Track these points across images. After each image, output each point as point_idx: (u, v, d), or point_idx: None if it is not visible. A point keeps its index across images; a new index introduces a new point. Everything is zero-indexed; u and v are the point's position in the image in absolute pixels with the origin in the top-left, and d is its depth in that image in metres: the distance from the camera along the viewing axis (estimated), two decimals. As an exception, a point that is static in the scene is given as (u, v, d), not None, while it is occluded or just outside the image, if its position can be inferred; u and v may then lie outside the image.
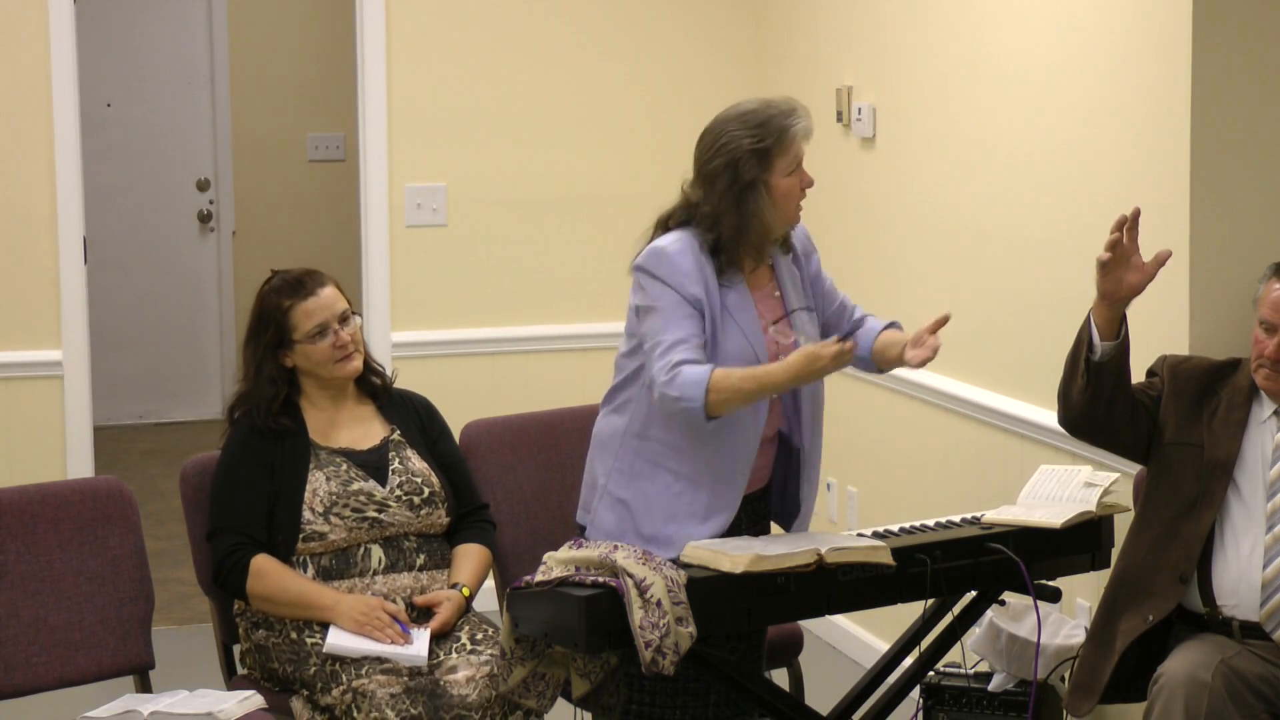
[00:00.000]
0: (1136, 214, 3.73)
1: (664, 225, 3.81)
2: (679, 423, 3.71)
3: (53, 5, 5.78)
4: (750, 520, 3.88)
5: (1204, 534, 3.76)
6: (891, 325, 3.98)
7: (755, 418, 3.77)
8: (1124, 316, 3.80)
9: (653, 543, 3.73)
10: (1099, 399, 3.82)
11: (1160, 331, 4.12)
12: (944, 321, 3.71)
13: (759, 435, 3.79)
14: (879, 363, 3.93)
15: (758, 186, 3.70)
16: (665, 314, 3.69)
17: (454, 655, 3.86)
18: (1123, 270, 3.73)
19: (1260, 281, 3.85)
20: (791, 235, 3.89)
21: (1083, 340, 3.82)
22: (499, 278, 6.22)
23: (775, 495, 3.94)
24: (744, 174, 3.70)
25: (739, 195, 3.71)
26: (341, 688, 3.78)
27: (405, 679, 3.77)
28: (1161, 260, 3.76)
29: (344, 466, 4.03)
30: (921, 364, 3.72)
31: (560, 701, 3.76)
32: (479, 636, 3.92)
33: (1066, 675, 4.14)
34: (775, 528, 3.97)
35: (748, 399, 3.65)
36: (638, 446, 3.80)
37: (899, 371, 5.32)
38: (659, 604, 3.45)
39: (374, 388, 4.19)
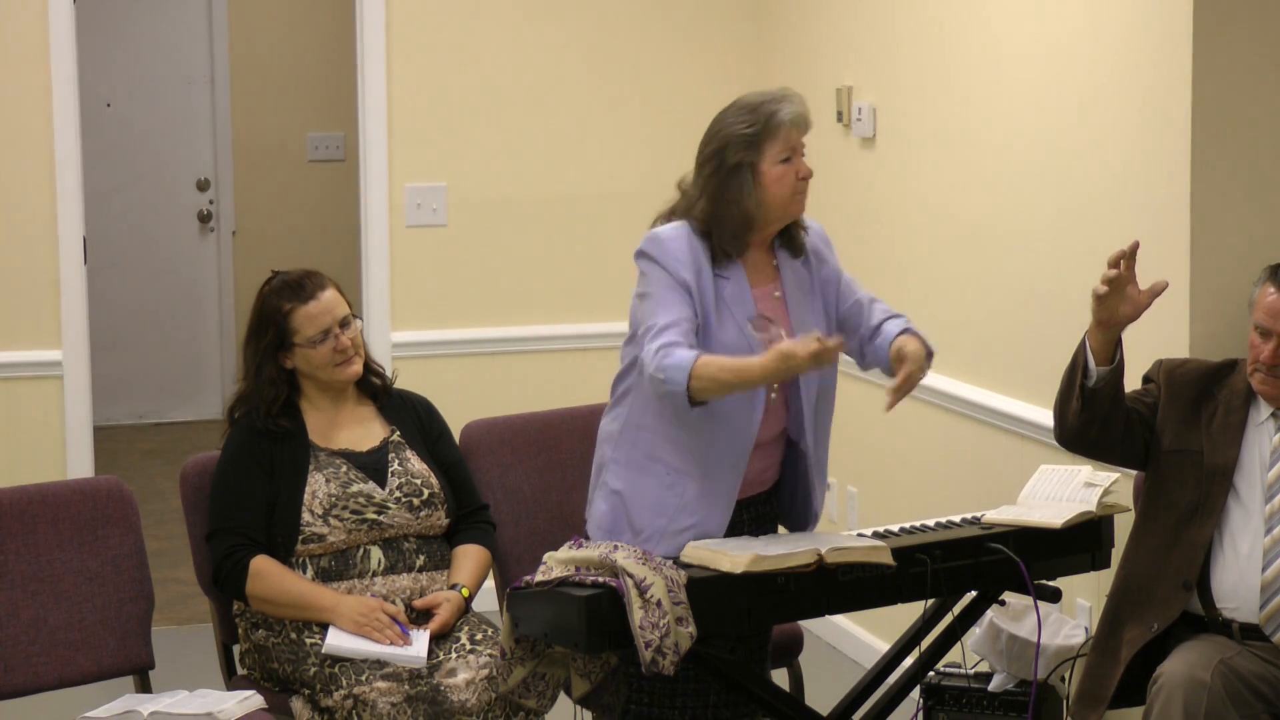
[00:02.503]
0: (1134, 248, 3.74)
1: (665, 219, 3.84)
2: (670, 411, 3.72)
3: (53, 5, 5.77)
4: (754, 522, 3.87)
5: (1206, 541, 3.76)
6: (906, 331, 3.90)
7: (749, 414, 3.76)
8: (1119, 340, 3.80)
9: (643, 535, 3.74)
10: (1094, 421, 3.82)
11: (1160, 333, 4.12)
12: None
13: (753, 433, 3.78)
14: (896, 368, 3.88)
15: (743, 171, 3.72)
16: (658, 298, 3.71)
17: (453, 656, 3.85)
18: (1118, 300, 3.74)
19: (1255, 285, 3.84)
20: (804, 237, 3.89)
21: (1078, 364, 3.81)
22: (499, 278, 6.22)
23: (785, 499, 3.94)
24: (729, 158, 3.73)
25: (723, 180, 3.74)
26: (342, 692, 3.77)
27: (406, 687, 3.77)
28: (1157, 291, 3.76)
29: (343, 468, 4.03)
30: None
31: (561, 701, 3.76)
32: (479, 637, 3.92)
33: (1067, 676, 4.13)
34: (783, 530, 3.96)
35: (725, 389, 3.64)
36: (635, 438, 3.81)
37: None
38: (659, 604, 3.45)
39: (374, 388, 4.19)
